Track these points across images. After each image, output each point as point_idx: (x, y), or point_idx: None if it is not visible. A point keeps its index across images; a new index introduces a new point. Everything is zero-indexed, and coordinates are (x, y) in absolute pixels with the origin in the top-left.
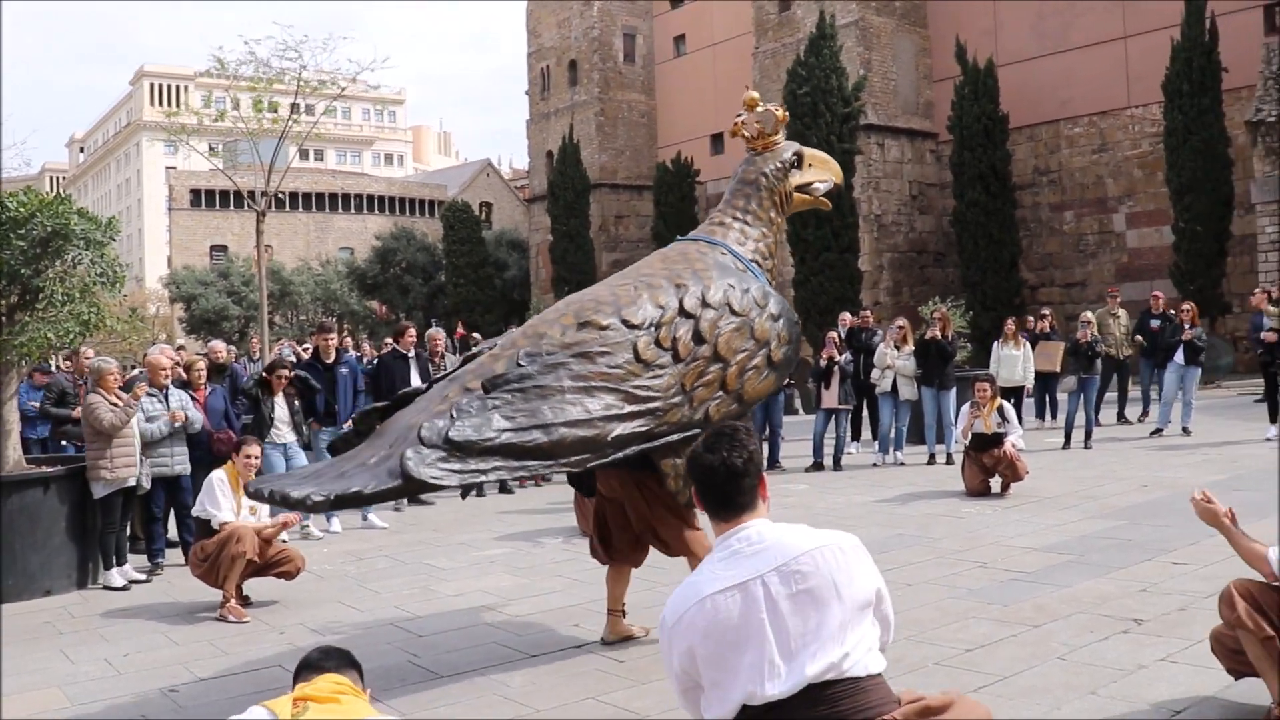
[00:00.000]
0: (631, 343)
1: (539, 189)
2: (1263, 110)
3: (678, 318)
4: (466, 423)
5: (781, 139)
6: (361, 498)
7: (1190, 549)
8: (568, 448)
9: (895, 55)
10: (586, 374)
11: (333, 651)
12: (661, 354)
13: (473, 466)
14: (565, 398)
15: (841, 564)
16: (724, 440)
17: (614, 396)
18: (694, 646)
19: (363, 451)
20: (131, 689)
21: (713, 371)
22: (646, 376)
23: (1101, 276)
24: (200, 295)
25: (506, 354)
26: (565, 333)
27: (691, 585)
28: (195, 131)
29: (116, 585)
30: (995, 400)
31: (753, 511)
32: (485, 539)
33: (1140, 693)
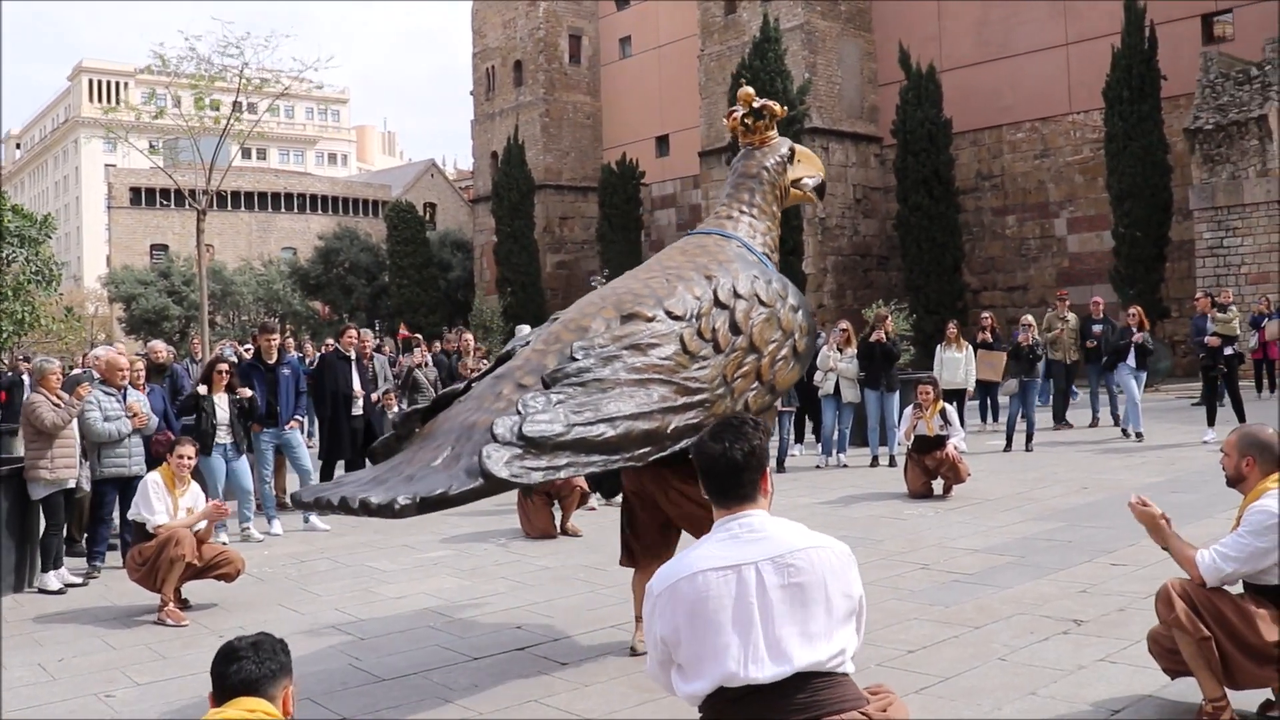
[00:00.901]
0: (678, 334)
1: (483, 190)
2: (1200, 118)
3: (714, 309)
4: (539, 418)
5: (776, 135)
6: (448, 499)
7: (1129, 550)
8: (633, 441)
9: (840, 59)
10: (641, 366)
11: (263, 644)
12: (704, 345)
13: (546, 463)
14: (624, 390)
15: (834, 567)
16: (729, 432)
17: (667, 389)
18: (679, 620)
19: (418, 454)
20: (66, 695)
21: (749, 362)
22: (694, 368)
23: (1043, 280)
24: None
25: (554, 349)
26: (611, 325)
27: (684, 559)
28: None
29: (52, 589)
30: (938, 403)
31: (753, 503)
32: (428, 541)
33: (1079, 693)
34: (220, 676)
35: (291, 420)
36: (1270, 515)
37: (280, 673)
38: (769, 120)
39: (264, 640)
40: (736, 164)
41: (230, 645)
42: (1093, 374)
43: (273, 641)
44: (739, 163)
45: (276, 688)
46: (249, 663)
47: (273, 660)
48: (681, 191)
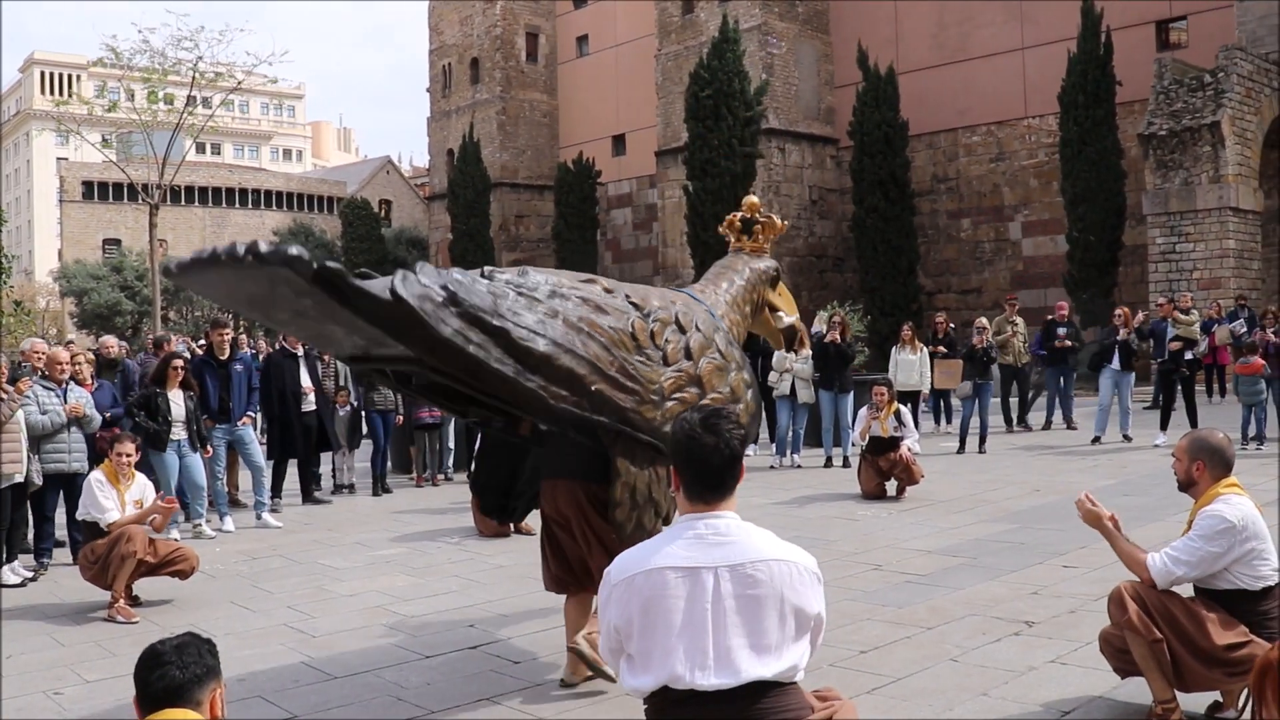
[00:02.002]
0: (631, 319)
1: (439, 187)
2: (1154, 124)
3: (673, 325)
4: (475, 287)
5: (769, 252)
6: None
7: (1080, 552)
8: (554, 371)
9: (797, 60)
10: (585, 318)
11: (187, 646)
12: (653, 347)
13: (457, 326)
14: (561, 324)
15: (794, 582)
16: (722, 421)
17: (604, 352)
18: (632, 612)
19: None
20: (14, 692)
21: (690, 393)
22: (635, 358)
23: (997, 283)
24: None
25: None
26: (564, 280)
27: (644, 551)
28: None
29: (12, 582)
30: (892, 404)
31: (727, 501)
32: (381, 539)
33: (1031, 694)
34: (143, 684)
35: (244, 417)
36: (1221, 520)
37: (207, 676)
38: (765, 236)
39: (189, 642)
40: (724, 260)
41: (153, 650)
42: (1050, 378)
43: (199, 643)
44: (726, 259)
45: (203, 692)
46: (173, 668)
47: (198, 664)
48: (638, 191)
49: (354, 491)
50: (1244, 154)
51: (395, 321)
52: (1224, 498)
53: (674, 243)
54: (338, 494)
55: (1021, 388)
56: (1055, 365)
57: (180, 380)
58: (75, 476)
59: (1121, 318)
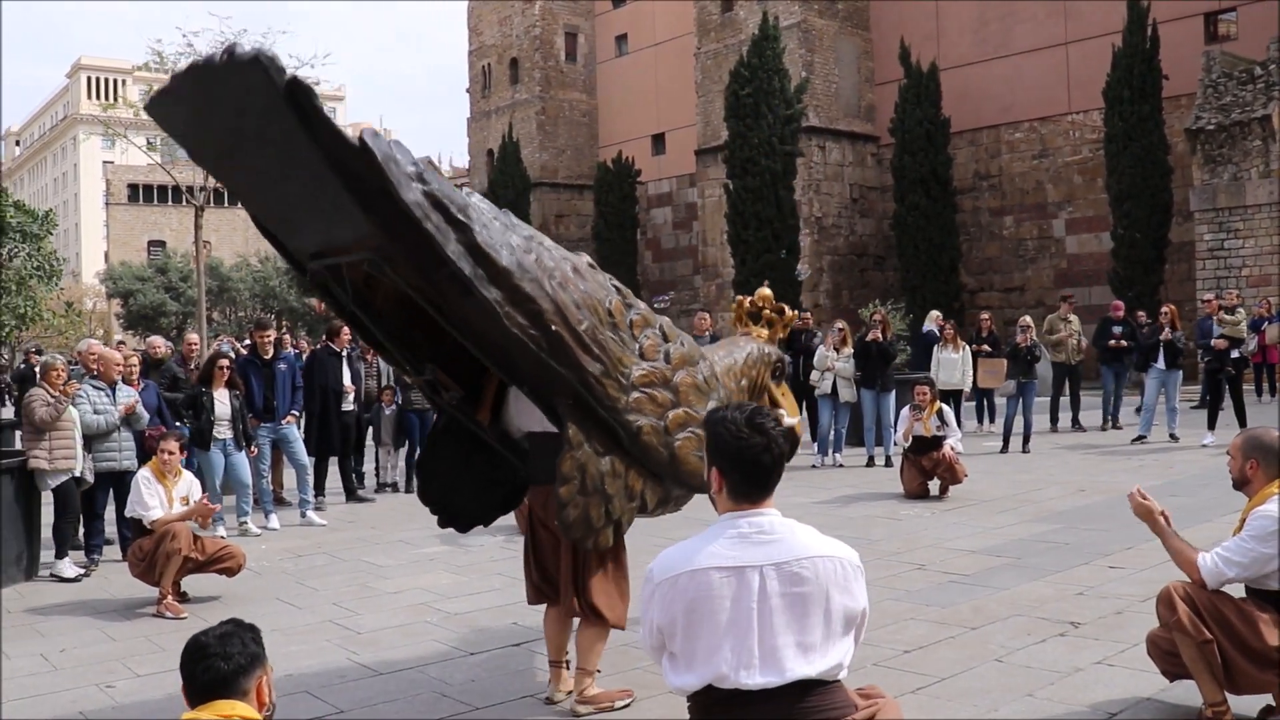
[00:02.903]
0: (610, 298)
1: (479, 187)
2: (1202, 118)
3: (655, 328)
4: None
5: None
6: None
7: (1126, 553)
8: (515, 291)
9: (837, 58)
10: (562, 270)
11: (230, 636)
12: (628, 333)
13: (417, 199)
14: (532, 260)
15: (839, 578)
16: (766, 420)
17: (574, 307)
18: (676, 613)
19: None
20: (68, 685)
21: (661, 393)
22: (608, 332)
23: (1040, 282)
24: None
25: None
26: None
27: (687, 550)
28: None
29: (68, 575)
30: (935, 403)
31: (770, 499)
32: (424, 536)
33: (1077, 695)
34: (190, 676)
35: (288, 415)
36: (1274, 520)
37: (251, 665)
38: (781, 326)
39: (232, 631)
40: (730, 338)
41: (197, 641)
42: (1106, 376)
43: (242, 631)
44: (734, 337)
45: (249, 680)
46: (218, 660)
47: (242, 653)
48: (677, 190)
49: (398, 490)
50: None
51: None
52: (1277, 498)
53: (714, 241)
54: (381, 492)
55: (1074, 387)
56: (1111, 364)
57: (226, 379)
58: (125, 474)
59: (1168, 316)
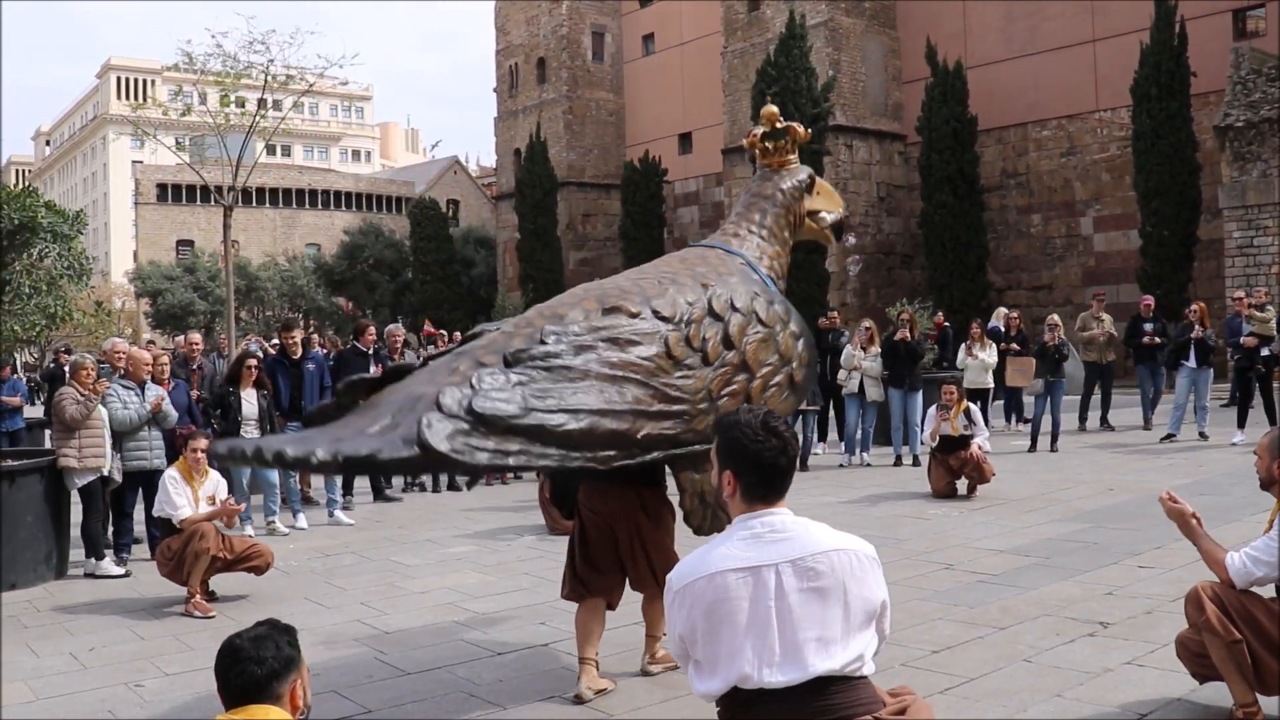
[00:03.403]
0: (663, 336)
1: (506, 187)
2: (1231, 115)
3: (707, 318)
4: (493, 395)
5: (796, 160)
6: (375, 463)
7: (1156, 553)
8: (597, 440)
9: (864, 56)
10: (617, 362)
11: (264, 639)
12: (691, 354)
13: (494, 445)
14: (594, 384)
15: (855, 570)
16: (779, 423)
17: (643, 391)
18: (696, 619)
19: (355, 421)
20: (98, 684)
21: (738, 381)
22: (676, 375)
23: (1068, 280)
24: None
25: (524, 331)
26: (590, 316)
27: (704, 556)
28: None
29: (114, 573)
30: (962, 402)
31: (782, 500)
32: (451, 536)
33: (1106, 695)
34: (224, 680)
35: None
36: None
37: (285, 669)
38: (791, 143)
39: (266, 634)
40: (751, 184)
41: (231, 645)
42: (1143, 375)
43: (277, 634)
44: (754, 183)
45: (283, 685)
46: (251, 664)
47: (276, 657)
48: (704, 189)
49: (425, 489)
50: None
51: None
52: None
53: None
54: (409, 491)
55: (1105, 385)
56: (1144, 363)
57: (254, 379)
58: (155, 473)
59: (1197, 313)
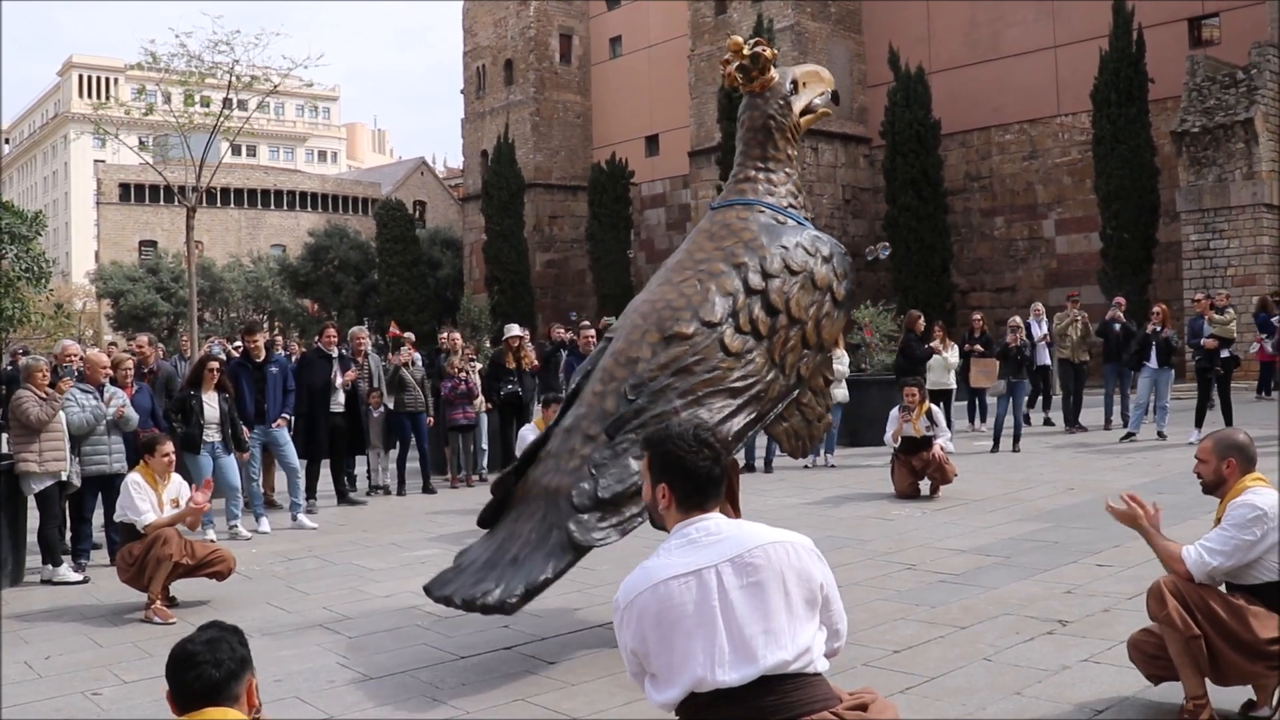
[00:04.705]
0: (719, 340)
1: (473, 188)
2: (1187, 121)
3: (748, 299)
4: (609, 477)
5: (775, 75)
6: (550, 583)
7: (1114, 551)
8: None
9: (830, 60)
10: (691, 387)
11: (219, 642)
12: (746, 339)
13: (627, 514)
14: (682, 418)
15: (792, 561)
16: (711, 435)
17: (721, 398)
18: (645, 630)
19: (518, 525)
20: (53, 692)
21: (794, 335)
22: (741, 367)
23: (1031, 281)
24: (128, 291)
25: (611, 389)
26: (656, 352)
27: (646, 570)
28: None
29: (72, 580)
30: (924, 404)
31: (718, 503)
32: (416, 539)
33: (1064, 693)
34: (179, 684)
35: (279, 418)
36: (1252, 508)
37: (241, 669)
38: (764, 64)
39: (218, 636)
40: (741, 117)
41: (184, 649)
42: (1110, 375)
43: (228, 635)
44: (743, 114)
45: (240, 685)
46: (208, 667)
47: (231, 658)
48: (671, 191)
49: (389, 492)
50: (1277, 150)
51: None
52: (1252, 489)
53: None
54: (373, 495)
55: (1078, 385)
56: (1112, 362)
57: (215, 382)
58: (115, 478)
59: (1159, 315)
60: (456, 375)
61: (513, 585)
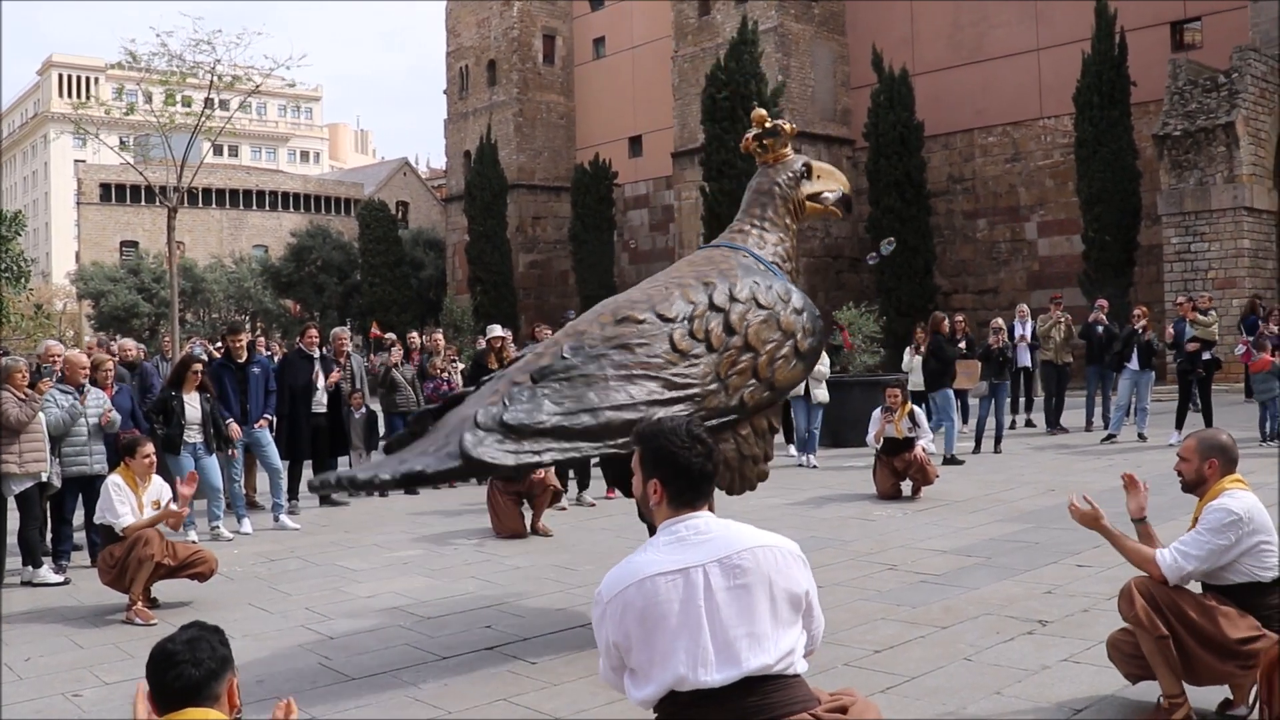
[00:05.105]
0: (668, 334)
1: (456, 189)
2: (1169, 124)
3: (709, 311)
4: (519, 407)
5: (791, 152)
6: (425, 477)
7: (1094, 552)
8: (614, 431)
9: (814, 62)
10: (627, 363)
11: (199, 641)
12: (696, 344)
13: (527, 448)
14: (609, 385)
15: (779, 565)
16: (700, 434)
17: (655, 384)
18: (629, 625)
19: (419, 444)
20: (33, 694)
21: (744, 360)
22: (683, 365)
23: (1013, 283)
24: (109, 292)
25: (550, 350)
26: (604, 328)
27: (632, 564)
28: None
29: (53, 581)
30: (906, 405)
31: (707, 501)
32: (398, 540)
33: (1043, 693)
34: (160, 684)
35: (261, 419)
36: (1227, 513)
37: (222, 668)
38: (783, 139)
39: (199, 636)
40: (751, 183)
41: (164, 649)
42: (1091, 377)
43: (209, 634)
44: (754, 181)
45: (220, 685)
46: (189, 667)
47: (212, 658)
48: (654, 192)
49: (371, 493)
50: (1258, 154)
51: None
52: (1229, 492)
53: (690, 244)
54: (355, 495)
55: (1060, 387)
56: (1095, 364)
57: (197, 383)
58: (96, 479)
59: (1141, 317)
60: (439, 375)
61: (386, 470)
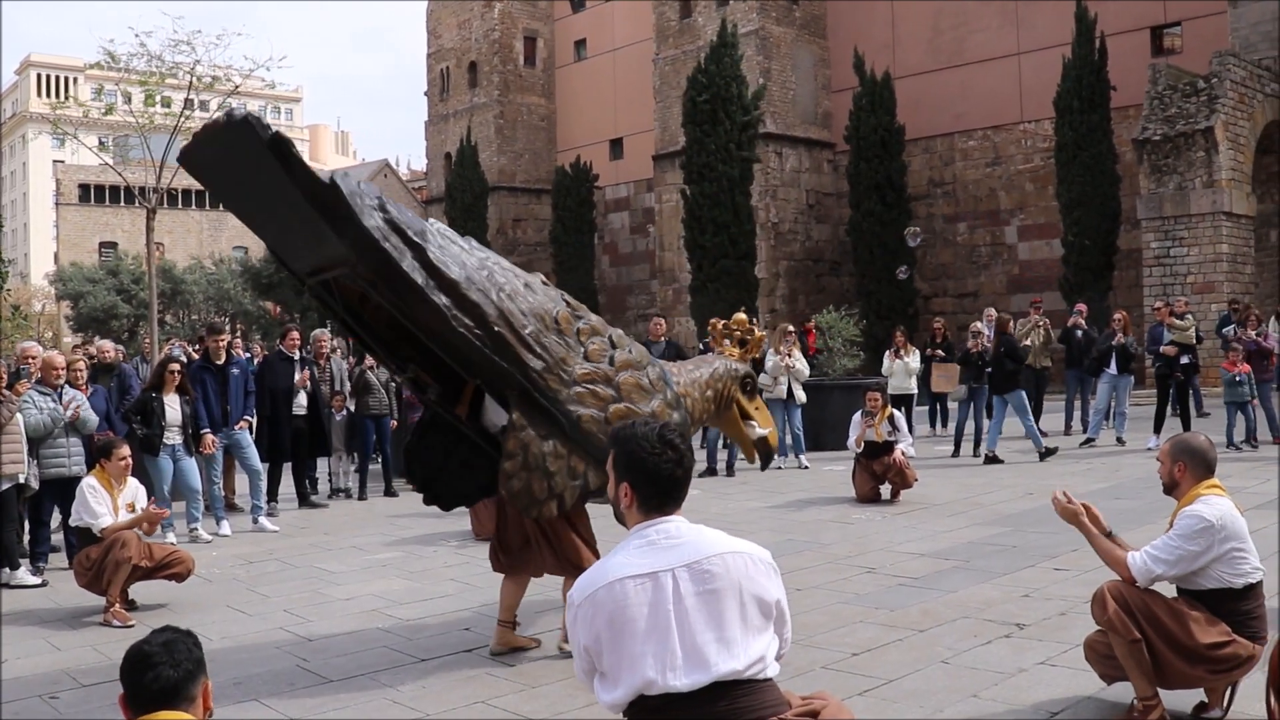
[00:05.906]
0: (558, 309)
1: (437, 191)
2: (1148, 129)
3: (603, 336)
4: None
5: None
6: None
7: (1071, 555)
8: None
9: (795, 65)
10: (511, 285)
11: (175, 644)
12: (574, 339)
13: (378, 223)
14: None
15: (750, 572)
16: (675, 436)
17: (520, 316)
18: (599, 629)
19: None
20: (11, 697)
21: (603, 390)
22: (552, 336)
23: (993, 287)
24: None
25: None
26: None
27: (603, 568)
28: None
29: (30, 583)
30: (886, 409)
31: (679, 506)
32: (377, 543)
33: (1020, 695)
34: (136, 686)
35: (240, 421)
36: (1200, 519)
37: (197, 670)
38: (748, 348)
39: (175, 639)
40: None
41: (140, 651)
42: (1071, 381)
43: (182, 637)
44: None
45: (195, 687)
46: (166, 668)
47: (188, 659)
48: (635, 194)
49: (351, 496)
50: (1237, 159)
51: (328, 203)
52: (1204, 498)
53: (671, 246)
54: (334, 498)
55: (1039, 392)
56: (1075, 368)
57: (177, 385)
58: (73, 480)
59: (1120, 322)
60: None
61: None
